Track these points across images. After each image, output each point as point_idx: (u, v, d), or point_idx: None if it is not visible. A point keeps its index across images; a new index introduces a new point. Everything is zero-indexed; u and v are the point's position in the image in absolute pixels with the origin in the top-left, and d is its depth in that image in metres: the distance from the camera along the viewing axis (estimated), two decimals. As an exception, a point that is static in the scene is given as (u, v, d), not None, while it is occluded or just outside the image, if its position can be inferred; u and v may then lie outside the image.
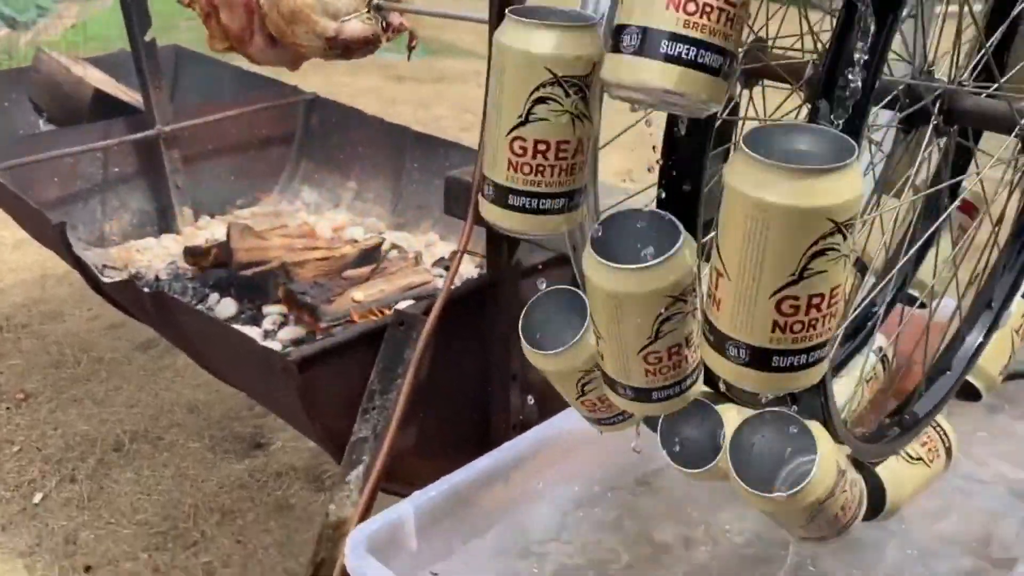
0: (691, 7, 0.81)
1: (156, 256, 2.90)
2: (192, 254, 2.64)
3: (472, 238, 1.85)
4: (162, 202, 3.04)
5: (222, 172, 3.16)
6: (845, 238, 0.81)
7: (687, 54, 0.82)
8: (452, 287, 1.86)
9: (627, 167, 1.81)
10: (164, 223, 3.06)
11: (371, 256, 2.52)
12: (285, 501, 2.70)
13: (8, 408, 3.15)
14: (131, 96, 3.08)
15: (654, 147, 1.07)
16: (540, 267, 2.01)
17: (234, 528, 2.62)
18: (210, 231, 3.07)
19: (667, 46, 0.82)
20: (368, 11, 2.02)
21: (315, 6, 1.98)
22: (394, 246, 2.68)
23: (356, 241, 2.68)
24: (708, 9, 0.81)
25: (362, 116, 3.08)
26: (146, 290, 1.93)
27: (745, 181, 0.80)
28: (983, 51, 1.06)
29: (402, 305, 2.17)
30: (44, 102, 3.11)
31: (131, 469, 2.85)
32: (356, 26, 2.02)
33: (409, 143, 2.94)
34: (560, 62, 0.90)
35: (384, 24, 2.05)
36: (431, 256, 2.71)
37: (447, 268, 2.63)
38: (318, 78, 4.01)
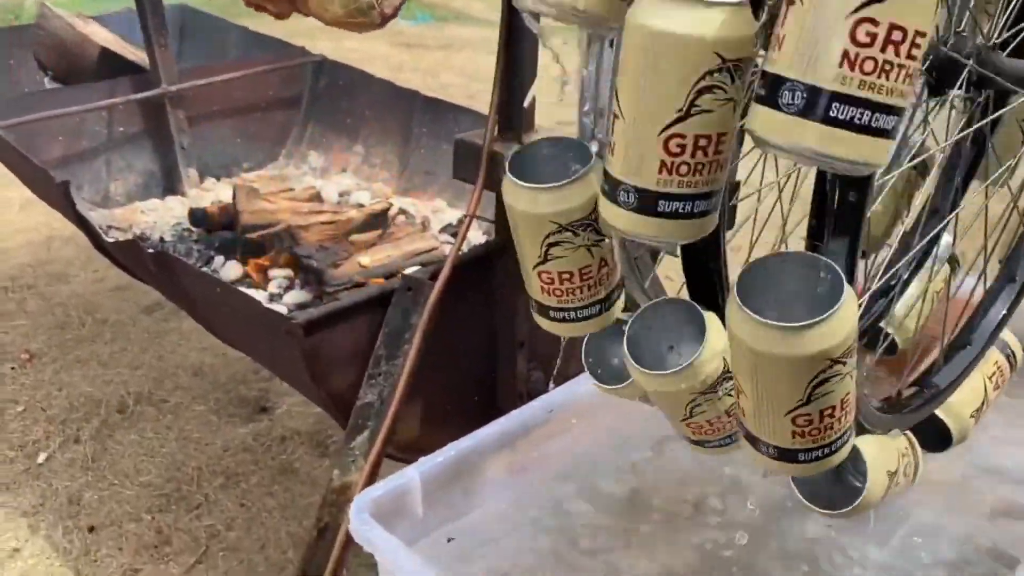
0: (868, 66, 0.70)
1: (161, 218, 2.87)
2: (197, 216, 2.61)
3: (481, 203, 1.81)
4: (167, 163, 3.00)
5: (228, 134, 3.12)
6: (733, 80, 0.79)
7: (860, 118, 0.72)
8: (460, 252, 1.83)
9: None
10: (169, 184, 3.02)
11: (378, 221, 2.48)
12: (289, 465, 2.69)
13: (13, 368, 3.13)
14: (137, 55, 3.03)
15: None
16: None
17: (238, 492, 2.60)
18: (216, 193, 3.03)
19: (837, 109, 0.72)
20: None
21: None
22: (401, 211, 2.64)
23: (362, 206, 2.64)
24: (888, 68, 0.70)
25: (370, 79, 3.03)
26: (150, 251, 1.89)
27: (643, 12, 0.80)
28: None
29: (409, 270, 2.13)
30: (49, 60, 3.06)
31: (135, 431, 2.83)
32: None
33: (418, 107, 2.90)
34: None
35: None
36: (439, 222, 2.67)
37: (454, 235, 2.60)
38: (327, 43, 3.96)
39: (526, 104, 1.78)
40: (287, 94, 3.19)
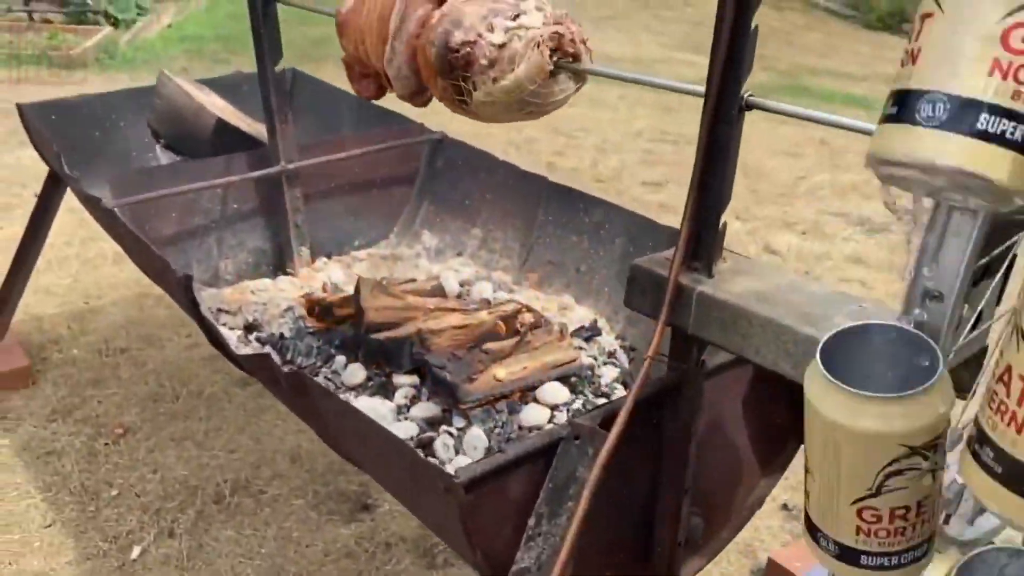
0: None
1: (272, 299, 2.71)
2: (317, 309, 2.43)
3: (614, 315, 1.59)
4: (279, 241, 2.85)
5: (341, 211, 2.96)
6: (927, 457, 0.79)
7: (1013, 132, 0.67)
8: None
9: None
10: (280, 262, 2.87)
11: (509, 324, 2.28)
12: (395, 577, 2.49)
13: (106, 444, 2.98)
14: (253, 127, 2.89)
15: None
16: (723, 367, 1.76)
17: (343, 607, 2.41)
18: (327, 273, 2.87)
19: (987, 121, 0.67)
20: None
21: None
22: (528, 309, 2.45)
23: (490, 303, 2.45)
24: None
25: (492, 160, 2.85)
26: (285, 369, 1.71)
27: (823, 402, 0.81)
28: None
29: (579, 418, 1.92)
30: (163, 128, 2.94)
31: (232, 526, 2.65)
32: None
33: (544, 193, 2.71)
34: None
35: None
36: (568, 321, 2.47)
37: (588, 338, 2.39)
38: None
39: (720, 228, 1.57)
40: (402, 171, 3.03)
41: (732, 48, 1.46)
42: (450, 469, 1.83)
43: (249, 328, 2.50)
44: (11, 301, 3.30)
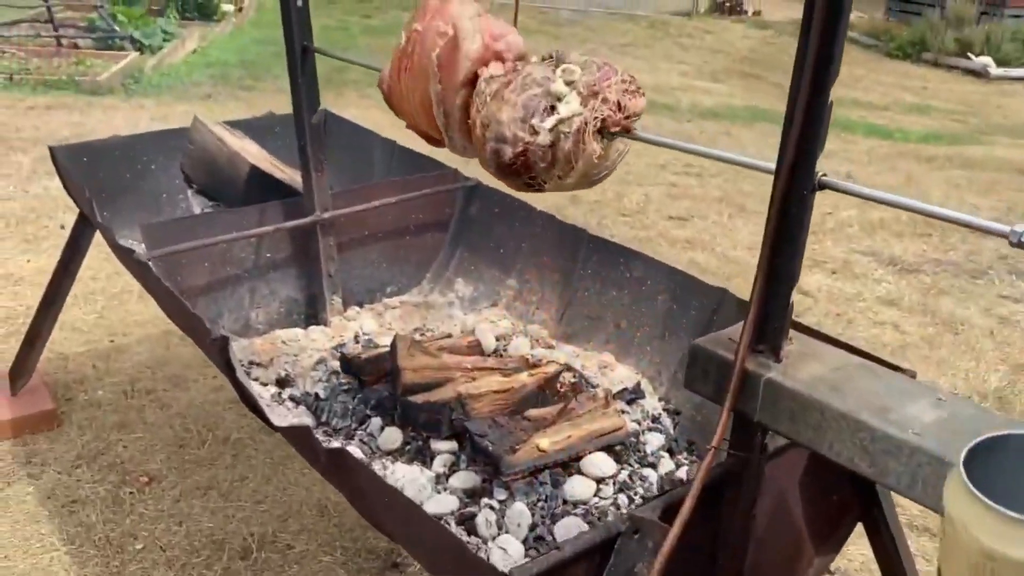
0: None
1: (303, 350, 2.63)
2: (349, 364, 2.35)
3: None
4: (312, 290, 2.77)
5: (374, 258, 2.89)
6: None
7: None
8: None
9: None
10: (312, 311, 2.79)
11: (549, 384, 2.20)
12: (429, 644, 2.39)
13: (132, 493, 2.90)
14: (286, 173, 2.82)
15: None
16: (783, 449, 1.67)
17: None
18: (359, 323, 2.79)
19: None
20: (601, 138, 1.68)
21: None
22: (569, 369, 2.36)
23: (529, 361, 2.36)
24: None
25: (529, 210, 2.77)
26: (326, 446, 1.63)
27: (976, 524, 0.73)
28: None
29: (639, 510, 1.83)
30: (196, 174, 2.88)
31: (260, 584, 2.57)
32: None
33: (583, 246, 2.62)
34: None
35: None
36: (608, 381, 2.38)
37: (630, 401, 2.30)
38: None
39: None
40: (436, 217, 2.96)
41: (807, 125, 1.38)
42: (496, 553, 1.75)
43: (281, 383, 2.43)
44: (39, 342, 3.24)
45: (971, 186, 6.87)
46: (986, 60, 12.11)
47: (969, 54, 12.24)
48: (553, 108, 1.59)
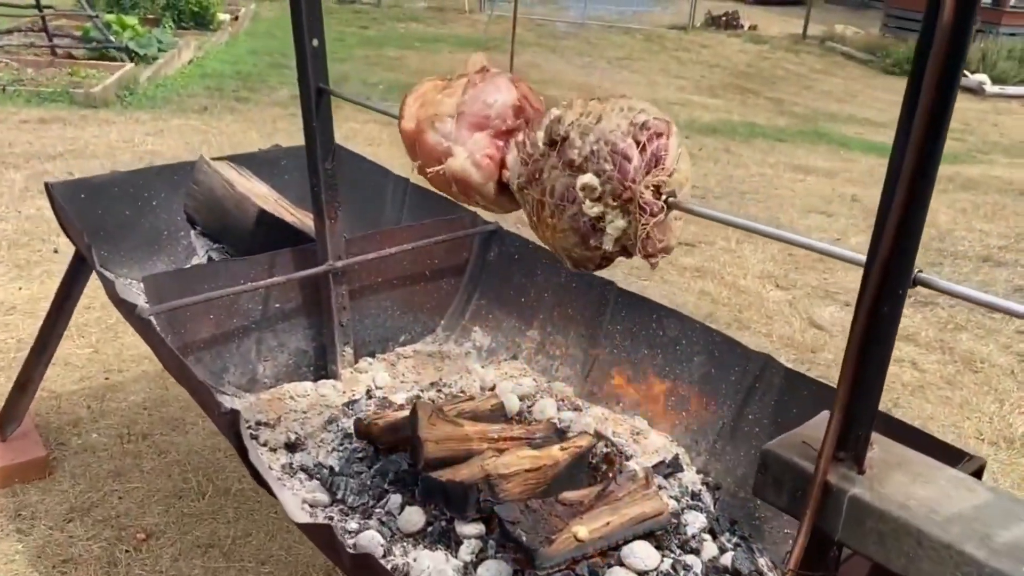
0: None
1: (313, 406, 2.45)
2: (364, 430, 2.17)
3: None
4: (322, 341, 2.59)
5: (388, 306, 2.70)
6: None
7: None
8: None
9: None
10: (321, 363, 2.60)
11: (583, 461, 2.02)
12: None
13: (127, 551, 2.70)
14: (297, 216, 2.64)
15: None
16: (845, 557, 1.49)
17: None
18: (371, 375, 2.60)
19: None
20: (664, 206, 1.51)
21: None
22: (600, 437, 2.19)
23: (557, 427, 2.19)
24: None
25: (551, 257, 2.58)
26: (350, 544, 1.45)
27: None
28: None
29: None
30: (201, 216, 2.68)
31: (266, 659, 2.38)
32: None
33: (612, 298, 2.45)
34: None
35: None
36: (641, 450, 2.21)
37: (667, 476, 2.13)
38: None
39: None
40: (452, 261, 2.78)
41: (908, 215, 1.21)
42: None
43: (291, 447, 2.24)
44: (31, 387, 3.04)
45: (977, 211, 6.74)
46: (982, 78, 12.02)
47: (965, 71, 12.15)
48: (600, 226, 1.46)
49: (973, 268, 5.40)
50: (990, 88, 11.79)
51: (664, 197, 1.49)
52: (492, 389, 2.47)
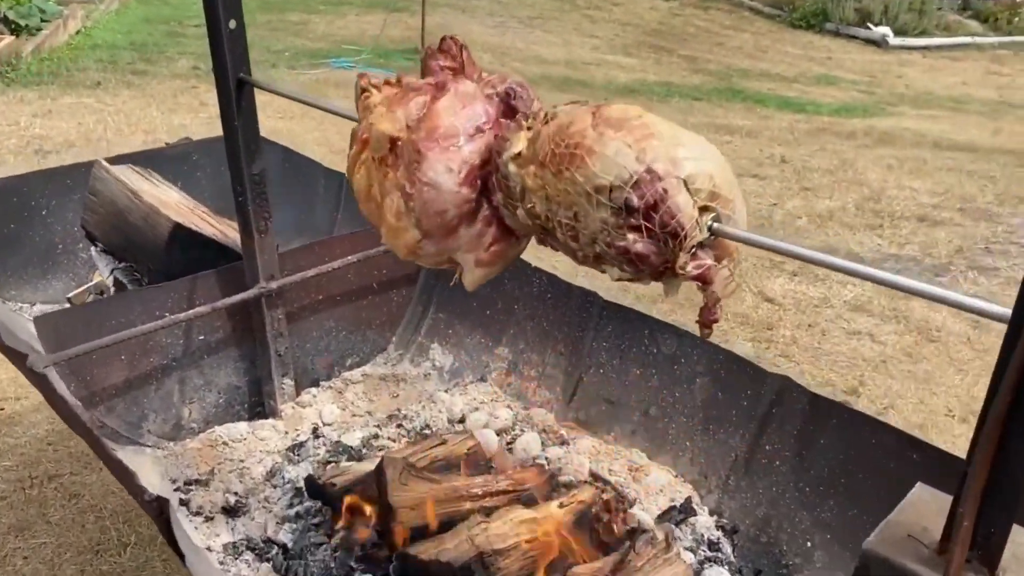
0: None
1: (251, 453, 2.05)
2: (317, 488, 1.79)
3: None
4: (257, 374, 2.17)
5: (331, 326, 2.30)
6: None
7: None
8: None
9: None
10: (257, 399, 2.19)
11: (585, 516, 1.69)
12: None
13: (37, 630, 2.27)
14: (218, 229, 2.20)
15: None
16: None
17: None
18: (317, 409, 2.21)
19: None
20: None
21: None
22: (596, 478, 1.85)
23: (545, 469, 1.84)
24: None
25: (523, 265, 2.23)
26: None
27: None
28: None
29: None
30: (102, 232, 2.22)
31: None
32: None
33: (595, 312, 2.10)
34: None
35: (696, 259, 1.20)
36: (644, 490, 1.88)
37: (678, 523, 1.81)
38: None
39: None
40: (402, 269, 2.39)
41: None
42: None
43: (231, 511, 1.84)
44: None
45: (902, 167, 6.62)
46: (884, 30, 12.02)
47: (869, 24, 12.14)
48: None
49: (911, 230, 5.24)
50: (893, 40, 11.79)
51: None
52: (462, 421, 2.11)
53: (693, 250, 1.18)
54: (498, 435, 2.02)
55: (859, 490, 1.70)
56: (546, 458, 1.94)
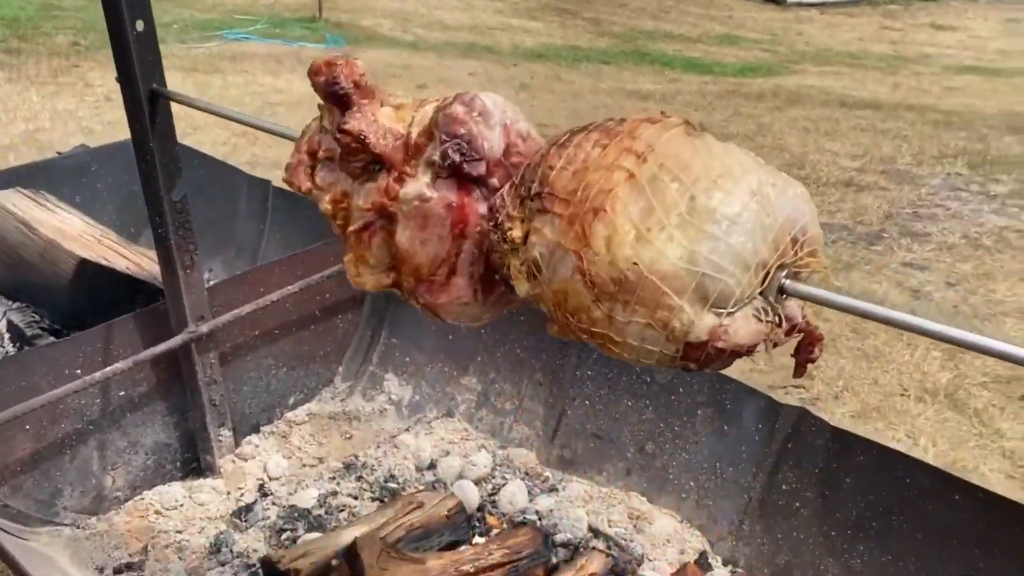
0: None
1: (189, 523, 1.74)
2: (274, 570, 1.50)
3: None
4: (189, 427, 1.85)
5: (269, 363, 1.99)
6: None
7: None
8: None
9: None
10: (191, 455, 1.87)
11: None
12: None
13: None
14: (131, 259, 1.85)
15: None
16: None
17: None
18: (260, 461, 1.91)
19: None
20: (768, 298, 0.95)
21: (683, 278, 0.90)
22: (596, 534, 1.62)
23: (540, 530, 1.59)
24: None
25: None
26: None
27: None
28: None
29: None
30: (-12, 273, 1.84)
31: None
32: (747, 325, 0.95)
33: (573, 337, 1.84)
34: None
35: (777, 318, 0.98)
36: (650, 544, 1.66)
37: (695, 581, 1.59)
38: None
39: None
40: (347, 292, 2.08)
41: None
42: None
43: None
44: None
45: (817, 129, 6.56)
46: (782, -13, 12.05)
47: (766, -19, 12.15)
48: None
49: (840, 196, 5.17)
50: (789, -3, 11.84)
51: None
52: (431, 468, 1.84)
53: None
54: (477, 484, 1.76)
55: (893, 534, 1.51)
56: (536, 511, 1.69)
